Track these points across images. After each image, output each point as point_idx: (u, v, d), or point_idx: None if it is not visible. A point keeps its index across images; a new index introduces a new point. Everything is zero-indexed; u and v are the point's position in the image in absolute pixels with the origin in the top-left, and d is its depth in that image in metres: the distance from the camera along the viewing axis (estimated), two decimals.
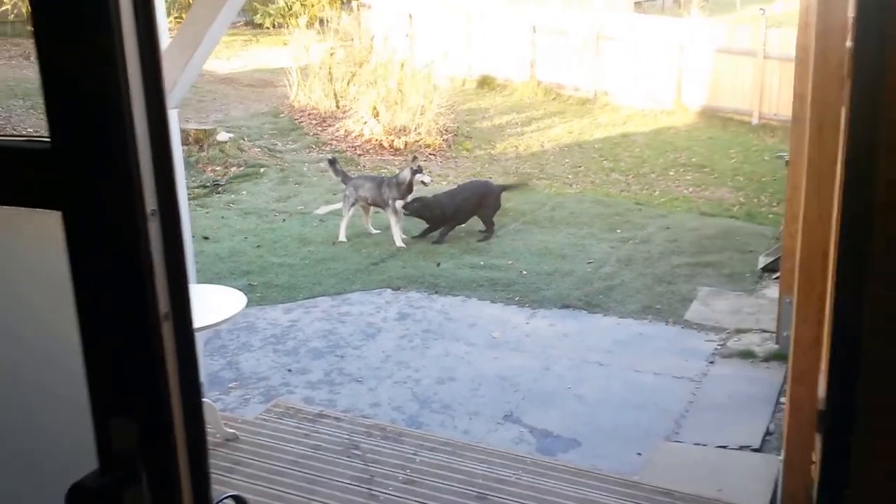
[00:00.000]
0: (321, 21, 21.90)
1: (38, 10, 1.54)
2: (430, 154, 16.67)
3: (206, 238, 11.33)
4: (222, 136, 15.91)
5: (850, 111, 1.62)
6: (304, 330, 8.39)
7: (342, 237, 11.28)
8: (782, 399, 6.90)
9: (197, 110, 19.28)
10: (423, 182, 11.56)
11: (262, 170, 15.30)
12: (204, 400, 5.57)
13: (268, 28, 28.53)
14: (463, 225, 11.71)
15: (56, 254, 1.58)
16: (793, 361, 5.07)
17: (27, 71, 21.48)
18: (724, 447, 6.26)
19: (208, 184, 14.22)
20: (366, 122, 17.36)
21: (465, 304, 9.15)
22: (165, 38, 5.45)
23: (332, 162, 12.07)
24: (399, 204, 11.29)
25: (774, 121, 19.26)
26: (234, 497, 2.67)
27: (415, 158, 12.03)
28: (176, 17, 19.36)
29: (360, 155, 16.54)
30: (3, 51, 23.59)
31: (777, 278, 9.62)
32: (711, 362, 7.69)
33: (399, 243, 11.16)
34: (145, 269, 1.54)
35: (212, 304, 5.28)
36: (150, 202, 1.54)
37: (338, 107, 19.18)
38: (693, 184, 15.39)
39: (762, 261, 10.24)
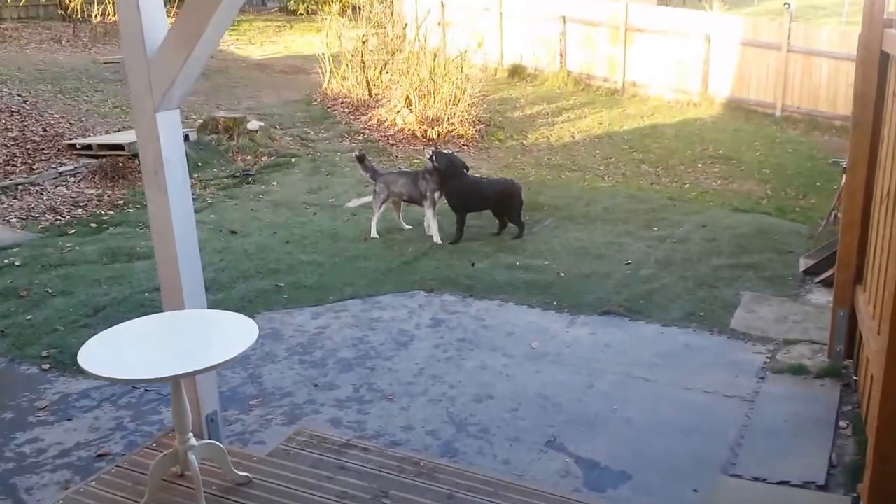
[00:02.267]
0: (354, 8, 21.23)
1: None
2: (462, 145, 15.88)
3: (233, 232, 10.50)
4: (253, 124, 15.06)
5: None
6: (333, 338, 7.50)
7: (374, 233, 10.41)
8: (842, 423, 6.12)
9: (229, 97, 18.55)
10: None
11: (293, 159, 14.49)
12: (211, 442, 4.72)
13: (301, 14, 27.99)
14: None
15: None
16: (876, 441, 4.34)
17: (57, 55, 20.76)
18: (787, 483, 5.38)
19: (238, 173, 13.40)
20: (398, 112, 16.61)
21: (502, 309, 8.24)
22: (163, 29, 4.54)
23: (361, 158, 10.83)
24: (437, 195, 10.44)
25: (797, 113, 19.29)
26: None
27: (435, 147, 11.16)
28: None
29: (392, 145, 15.75)
30: (34, 34, 22.92)
31: (820, 282, 8.90)
32: (762, 378, 6.80)
33: (437, 239, 10.30)
34: None
35: (220, 337, 4.41)
36: None
37: (370, 95, 18.47)
38: (721, 176, 14.81)
39: (803, 263, 9.50)
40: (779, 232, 10.97)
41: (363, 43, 19.08)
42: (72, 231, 10.47)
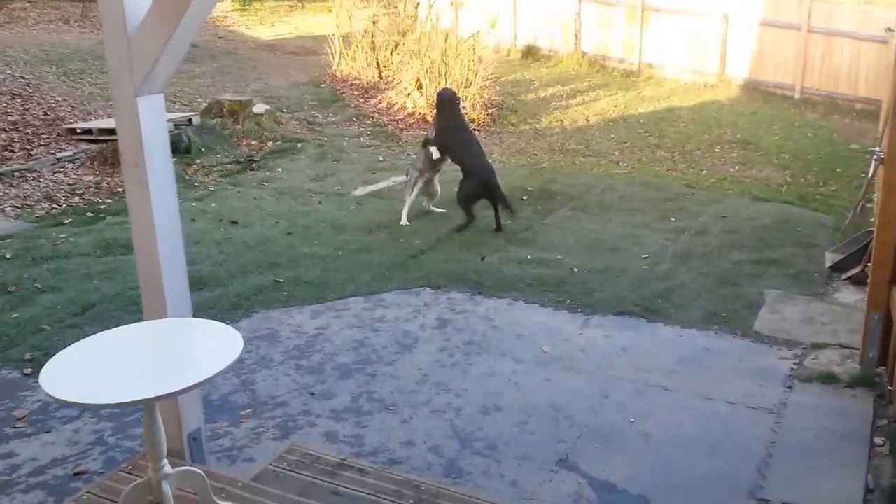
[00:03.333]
0: None
1: None
2: (474, 129, 15.29)
3: (234, 222, 10.02)
4: (258, 107, 14.52)
5: None
6: (333, 340, 7.01)
7: (431, 208, 10.40)
8: (877, 439, 5.62)
9: (236, 79, 18.06)
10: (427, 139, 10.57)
11: (299, 145, 13.97)
12: (188, 468, 4.23)
13: None
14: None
15: None
16: None
17: (64, 35, 20.24)
18: None
19: (242, 159, 12.90)
20: (409, 94, 16.08)
21: (512, 308, 7.75)
22: (146, 2, 4.01)
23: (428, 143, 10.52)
24: (434, 149, 10.32)
25: (816, 96, 18.81)
26: None
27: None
28: None
29: (402, 129, 15.23)
30: (42, 14, 22.40)
31: (847, 279, 8.45)
32: (789, 387, 6.31)
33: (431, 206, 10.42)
34: None
35: (201, 350, 3.94)
36: None
37: (380, 77, 17.97)
38: (739, 161, 14.28)
39: (829, 258, 9.03)
40: (801, 223, 10.46)
41: (374, 23, 18.58)
42: (67, 221, 9.99)
